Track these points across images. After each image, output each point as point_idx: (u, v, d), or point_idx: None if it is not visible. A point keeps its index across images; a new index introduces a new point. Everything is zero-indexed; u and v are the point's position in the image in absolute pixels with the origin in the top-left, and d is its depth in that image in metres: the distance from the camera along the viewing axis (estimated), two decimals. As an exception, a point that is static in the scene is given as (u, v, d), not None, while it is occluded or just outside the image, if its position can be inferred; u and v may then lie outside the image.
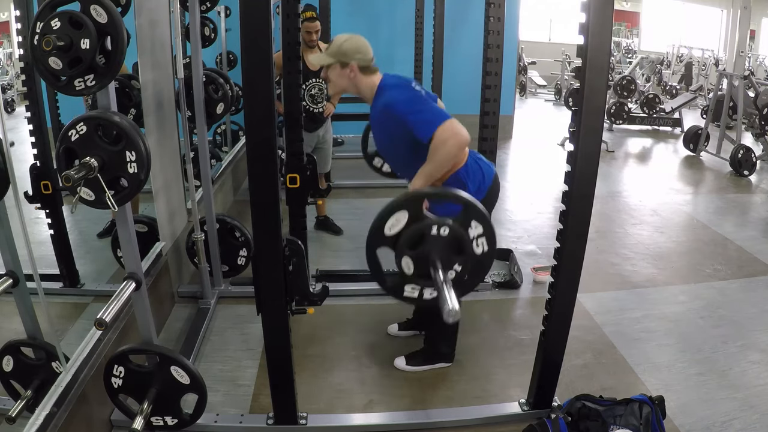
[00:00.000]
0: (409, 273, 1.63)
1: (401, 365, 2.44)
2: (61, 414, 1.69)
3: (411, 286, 1.66)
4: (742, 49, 6.66)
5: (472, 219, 1.61)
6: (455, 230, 1.59)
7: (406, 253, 1.60)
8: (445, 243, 1.60)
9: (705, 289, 3.29)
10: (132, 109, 2.56)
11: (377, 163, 3.05)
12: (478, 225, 1.62)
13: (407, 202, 1.59)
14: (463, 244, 1.61)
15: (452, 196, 1.64)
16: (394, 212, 1.58)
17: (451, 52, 5.10)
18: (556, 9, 15.96)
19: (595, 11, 1.57)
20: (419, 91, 2.03)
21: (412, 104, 1.94)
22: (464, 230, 1.60)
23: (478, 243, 1.63)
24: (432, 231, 1.58)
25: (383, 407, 2.23)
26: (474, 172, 2.09)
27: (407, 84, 2.06)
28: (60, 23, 1.31)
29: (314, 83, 3.54)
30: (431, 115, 1.90)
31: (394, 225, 1.59)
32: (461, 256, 1.62)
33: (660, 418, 1.97)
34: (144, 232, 2.73)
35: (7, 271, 1.66)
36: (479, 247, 1.63)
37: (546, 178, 5.71)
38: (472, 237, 1.62)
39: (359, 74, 2.02)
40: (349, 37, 2.02)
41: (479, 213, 1.62)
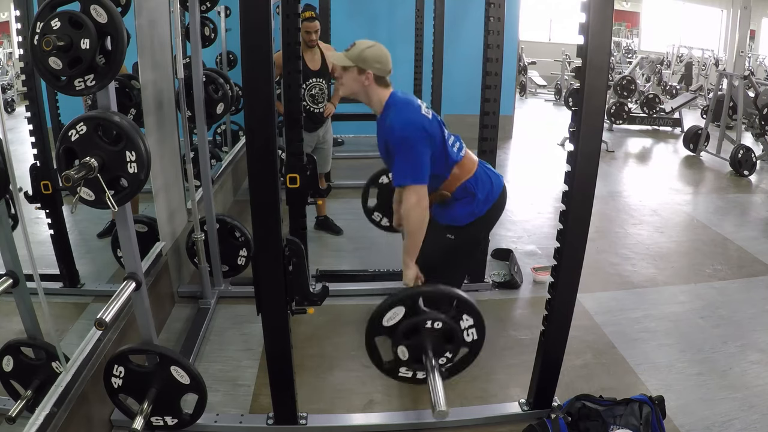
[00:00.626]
0: (404, 359, 1.82)
1: None
2: (61, 414, 1.69)
3: (405, 369, 1.86)
4: (742, 49, 6.66)
5: (464, 313, 1.80)
6: (448, 324, 1.78)
7: (402, 342, 1.79)
8: (438, 334, 1.79)
9: (705, 289, 3.29)
10: (132, 109, 2.56)
11: (376, 218, 3.07)
12: (469, 318, 1.81)
13: (404, 299, 1.78)
14: (454, 334, 1.81)
15: (447, 294, 1.81)
16: (392, 308, 1.77)
17: (451, 52, 5.10)
18: (556, 9, 15.96)
19: (595, 11, 1.57)
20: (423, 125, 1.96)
21: (404, 144, 1.91)
22: (456, 323, 1.80)
23: (469, 333, 1.83)
24: (426, 325, 1.77)
25: (383, 407, 2.23)
26: (483, 182, 2.10)
27: (414, 108, 2.01)
28: (60, 23, 1.31)
29: (314, 83, 3.54)
30: (410, 169, 1.91)
31: (391, 318, 1.77)
32: (452, 345, 1.83)
33: (660, 418, 1.97)
34: (144, 232, 2.73)
35: (7, 271, 1.66)
36: (469, 336, 1.84)
37: (546, 178, 5.71)
38: (463, 328, 1.81)
39: (374, 84, 2.00)
40: (372, 45, 1.99)
41: (471, 307, 1.81)
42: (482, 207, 2.09)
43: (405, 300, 1.77)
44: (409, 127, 1.93)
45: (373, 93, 2.02)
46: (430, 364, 1.74)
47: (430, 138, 1.96)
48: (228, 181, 4.53)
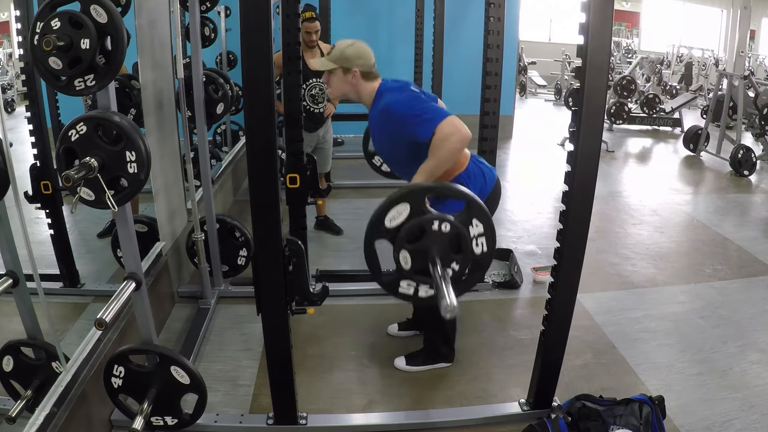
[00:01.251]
0: (407, 268, 1.61)
1: (401, 365, 2.44)
2: (61, 414, 1.69)
3: (407, 282, 1.64)
4: (742, 49, 6.66)
5: (474, 217, 1.60)
6: (456, 227, 1.57)
7: (404, 246, 1.59)
8: (445, 240, 1.58)
9: (705, 289, 3.29)
10: (132, 109, 2.56)
11: (377, 162, 3.06)
12: (479, 224, 1.60)
13: (410, 195, 1.57)
14: (462, 242, 1.59)
15: (456, 191, 1.62)
16: (395, 204, 1.57)
17: (451, 52, 5.11)
18: (556, 9, 15.96)
19: (595, 11, 1.57)
20: (418, 93, 2.04)
21: (411, 105, 1.94)
22: (465, 228, 1.59)
23: (478, 242, 1.61)
24: (433, 226, 1.56)
25: (383, 407, 2.23)
26: (476, 175, 2.09)
27: (406, 86, 2.07)
28: (60, 23, 1.31)
29: (315, 83, 3.54)
30: (431, 114, 1.90)
31: (395, 217, 1.57)
32: (460, 255, 1.61)
33: (660, 418, 1.97)
34: (144, 232, 2.73)
35: (7, 271, 1.66)
36: (479, 247, 1.62)
37: (546, 178, 5.71)
38: (472, 236, 1.60)
39: (361, 80, 2.03)
40: (352, 43, 2.03)
41: (482, 211, 1.60)
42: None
43: (411, 196, 1.57)
44: (406, 94, 1.99)
45: (363, 89, 2.05)
46: (438, 271, 1.54)
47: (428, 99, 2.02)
48: (228, 181, 4.53)
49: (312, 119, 3.60)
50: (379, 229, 1.59)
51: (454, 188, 1.65)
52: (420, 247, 1.58)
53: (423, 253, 1.58)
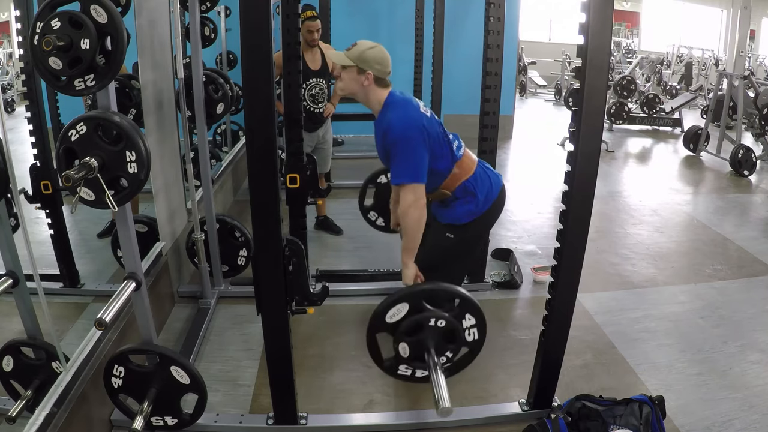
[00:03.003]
0: (405, 356, 1.81)
1: None
2: (61, 414, 1.69)
3: (405, 366, 1.85)
4: (742, 49, 6.66)
5: (467, 312, 1.80)
6: (451, 323, 1.77)
7: (403, 339, 1.79)
8: (440, 332, 1.78)
9: (705, 289, 3.29)
10: (132, 109, 2.56)
11: (372, 217, 3.08)
12: (471, 318, 1.81)
13: (409, 296, 1.77)
14: (456, 334, 1.80)
15: (451, 292, 1.80)
16: (396, 304, 1.76)
17: (451, 52, 5.10)
18: (556, 9, 15.96)
19: (595, 11, 1.57)
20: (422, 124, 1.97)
21: (403, 144, 1.93)
22: (458, 322, 1.79)
23: (470, 332, 1.82)
24: (430, 323, 1.76)
25: (383, 407, 2.23)
26: (482, 181, 2.11)
27: (414, 107, 2.02)
28: (60, 23, 1.31)
29: (315, 83, 3.54)
30: (408, 168, 1.93)
31: (394, 315, 1.77)
32: (454, 344, 1.82)
33: (660, 418, 1.97)
34: (144, 232, 2.73)
35: (7, 271, 1.66)
36: (471, 336, 1.83)
37: (546, 178, 5.71)
38: (464, 327, 1.81)
39: (373, 84, 2.00)
40: (374, 46, 2.00)
41: (473, 307, 1.80)
42: (482, 206, 2.10)
43: (409, 297, 1.77)
44: (409, 125, 1.95)
45: (372, 93, 2.02)
46: (433, 361, 1.75)
47: (429, 137, 1.97)
48: (228, 181, 4.53)
49: (312, 119, 3.60)
50: (380, 323, 1.79)
51: (447, 288, 1.81)
52: (417, 339, 1.78)
53: (420, 344, 1.79)
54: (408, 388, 2.35)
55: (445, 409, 1.62)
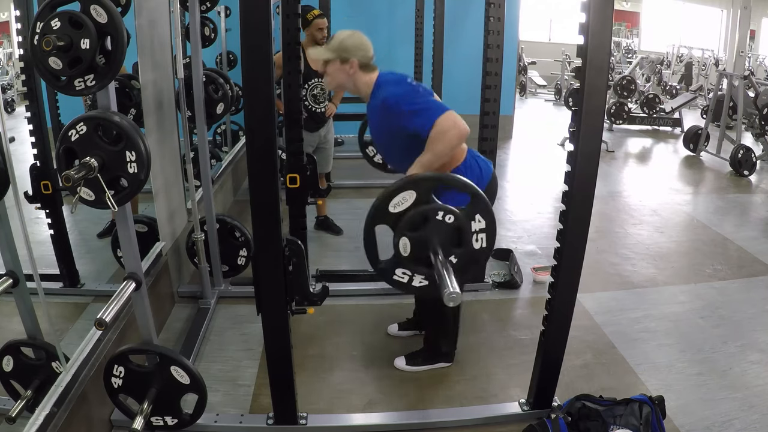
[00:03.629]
0: (405, 255, 1.61)
1: (401, 365, 2.44)
2: (61, 414, 1.69)
3: (402, 270, 1.64)
4: (742, 49, 6.66)
5: (478, 213, 1.60)
6: (460, 220, 1.57)
7: (405, 234, 1.58)
8: (447, 231, 1.57)
9: (705, 289, 3.29)
10: (132, 109, 2.56)
11: (370, 152, 3.03)
12: (482, 220, 1.61)
13: (417, 183, 1.58)
14: (464, 235, 1.59)
15: (462, 184, 1.63)
16: (402, 191, 1.57)
17: (451, 52, 5.11)
18: (556, 9, 15.96)
19: (595, 11, 1.57)
20: (416, 86, 2.04)
21: (411, 99, 1.94)
22: (468, 222, 1.59)
23: (478, 238, 1.62)
24: (437, 216, 1.56)
25: (383, 407, 2.23)
26: (472, 168, 2.09)
27: (403, 79, 2.07)
28: (60, 23, 1.31)
29: (317, 83, 3.54)
30: (430, 108, 1.91)
31: (399, 203, 1.57)
32: (459, 248, 1.61)
33: (660, 418, 1.97)
34: (144, 232, 2.72)
35: (7, 271, 1.66)
36: (478, 243, 1.62)
37: (546, 178, 5.71)
38: (473, 230, 1.60)
39: (359, 71, 2.03)
40: (351, 34, 2.03)
41: (486, 208, 1.61)
42: None
43: (418, 184, 1.57)
44: (405, 87, 1.99)
45: (360, 80, 2.04)
46: (440, 259, 1.54)
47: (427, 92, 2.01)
48: (228, 181, 4.53)
49: (314, 119, 3.60)
50: (382, 213, 1.58)
51: (461, 180, 1.64)
52: (421, 236, 1.57)
53: (423, 242, 1.57)
54: (408, 388, 2.35)
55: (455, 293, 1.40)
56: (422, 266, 1.61)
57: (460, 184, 1.63)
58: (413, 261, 1.61)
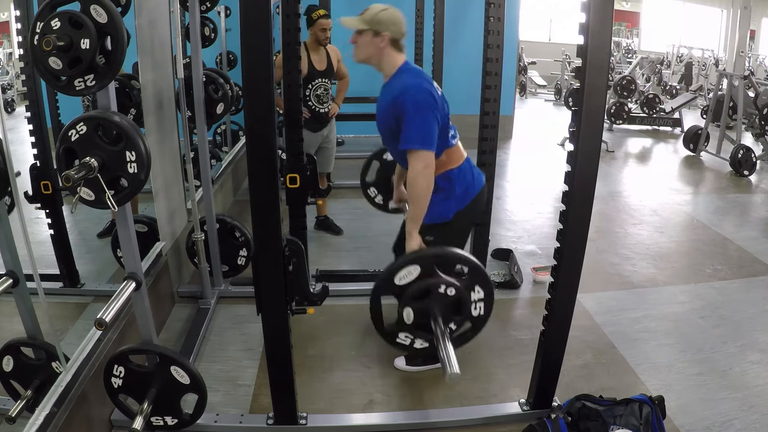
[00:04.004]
0: (408, 322, 1.73)
1: (401, 365, 2.44)
2: (61, 414, 1.69)
3: (405, 335, 1.77)
4: (742, 49, 6.66)
5: (477, 284, 1.74)
6: (460, 292, 1.70)
7: (409, 303, 1.71)
8: (448, 302, 1.71)
9: (705, 289, 3.29)
10: (132, 109, 2.56)
11: (371, 193, 3.00)
12: (480, 291, 1.75)
13: (422, 259, 1.71)
14: (464, 305, 1.73)
15: (464, 259, 1.74)
16: (408, 266, 1.70)
17: (451, 52, 5.11)
18: (556, 9, 15.96)
19: (595, 11, 1.57)
20: (434, 96, 1.98)
21: (416, 108, 1.90)
22: (468, 293, 1.73)
23: (477, 306, 1.77)
24: (439, 289, 1.69)
25: (383, 407, 2.23)
26: (465, 174, 2.11)
27: (428, 81, 2.03)
28: (60, 23, 1.31)
29: (320, 83, 3.54)
30: (420, 133, 1.89)
31: (404, 276, 1.70)
32: (459, 316, 1.75)
33: (660, 418, 1.97)
34: (144, 232, 2.72)
35: (7, 271, 1.66)
36: (477, 310, 1.78)
37: (546, 178, 5.71)
38: (472, 300, 1.75)
39: (389, 47, 1.99)
40: (386, 7, 1.99)
41: (485, 279, 1.75)
42: (461, 202, 2.10)
43: (422, 260, 1.69)
44: (424, 92, 1.94)
45: (387, 56, 2.01)
46: (440, 329, 1.67)
47: (440, 110, 1.97)
48: (228, 181, 4.53)
49: (317, 119, 3.59)
50: (388, 285, 1.71)
51: (461, 255, 1.75)
52: (423, 306, 1.70)
53: (425, 311, 1.71)
54: (408, 388, 2.35)
55: (455, 374, 1.54)
56: (423, 331, 1.74)
57: (461, 259, 1.74)
58: (415, 327, 1.74)
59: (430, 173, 1.92)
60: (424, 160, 1.90)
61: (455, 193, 2.08)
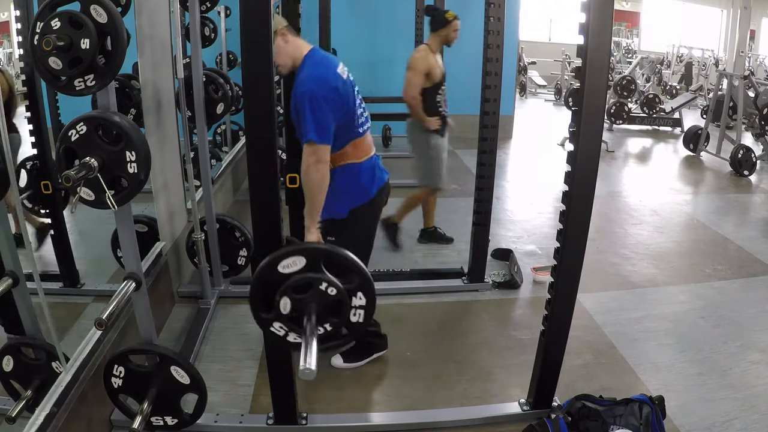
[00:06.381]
0: (284, 313, 1.64)
1: (339, 364, 2.44)
2: (61, 414, 1.69)
3: (280, 325, 1.68)
4: (742, 49, 6.66)
5: (360, 291, 1.65)
6: (341, 294, 1.61)
7: (288, 294, 1.62)
8: (327, 301, 1.62)
9: (705, 289, 3.29)
10: (132, 109, 2.56)
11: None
12: (363, 298, 1.65)
13: (308, 251, 1.62)
14: (342, 308, 1.64)
15: (352, 264, 1.65)
16: (293, 255, 1.60)
17: (451, 52, 5.09)
18: (556, 9, 15.96)
19: (595, 11, 1.57)
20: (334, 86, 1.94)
21: (312, 101, 1.88)
22: (348, 297, 1.64)
23: (356, 313, 1.67)
24: (320, 285, 1.60)
25: (383, 407, 2.24)
26: (366, 171, 2.11)
27: (331, 67, 1.98)
28: (60, 23, 1.31)
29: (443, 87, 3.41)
30: (315, 126, 1.87)
31: (288, 266, 1.61)
32: (337, 318, 1.66)
33: (660, 418, 1.97)
34: (144, 232, 2.72)
35: (7, 271, 1.66)
36: (356, 317, 1.67)
37: (546, 178, 5.71)
38: (353, 305, 1.65)
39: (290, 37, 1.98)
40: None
41: (369, 288, 1.65)
42: (358, 198, 2.10)
43: (309, 252, 1.61)
44: (320, 83, 1.91)
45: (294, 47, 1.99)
46: (311, 325, 1.59)
47: (341, 100, 1.94)
48: (228, 181, 4.53)
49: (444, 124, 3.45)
50: (270, 271, 1.62)
51: (351, 259, 1.65)
52: (302, 300, 1.62)
53: (302, 304, 1.62)
54: (408, 388, 2.35)
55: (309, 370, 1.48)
56: (298, 326, 1.66)
57: (349, 262, 1.65)
58: (290, 320, 1.65)
59: (324, 167, 1.91)
60: (315, 153, 1.89)
61: (351, 189, 2.07)
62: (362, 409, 2.22)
